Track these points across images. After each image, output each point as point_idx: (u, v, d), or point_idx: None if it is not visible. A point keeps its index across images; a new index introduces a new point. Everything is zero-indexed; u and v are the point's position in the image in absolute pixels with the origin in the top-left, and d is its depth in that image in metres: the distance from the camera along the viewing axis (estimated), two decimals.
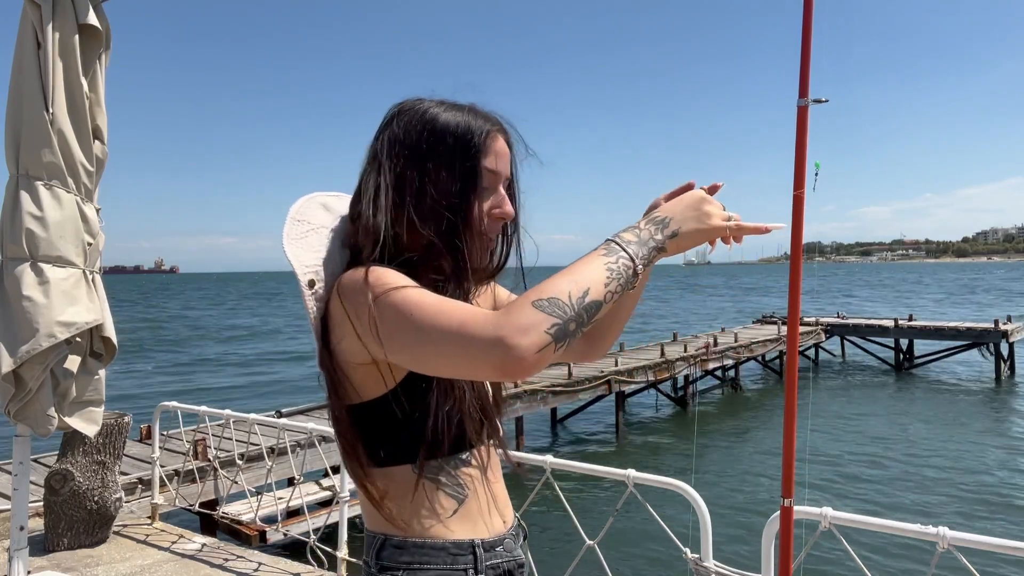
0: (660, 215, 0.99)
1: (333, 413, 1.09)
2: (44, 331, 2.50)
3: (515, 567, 1.13)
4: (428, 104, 1.09)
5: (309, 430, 4.40)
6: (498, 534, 1.12)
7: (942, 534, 2.14)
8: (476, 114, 1.08)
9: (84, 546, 4.28)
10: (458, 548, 1.06)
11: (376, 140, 1.10)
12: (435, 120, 1.06)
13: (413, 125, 1.06)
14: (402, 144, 1.06)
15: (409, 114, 1.08)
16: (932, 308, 45.53)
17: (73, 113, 2.64)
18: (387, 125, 1.09)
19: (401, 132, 1.07)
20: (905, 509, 9.68)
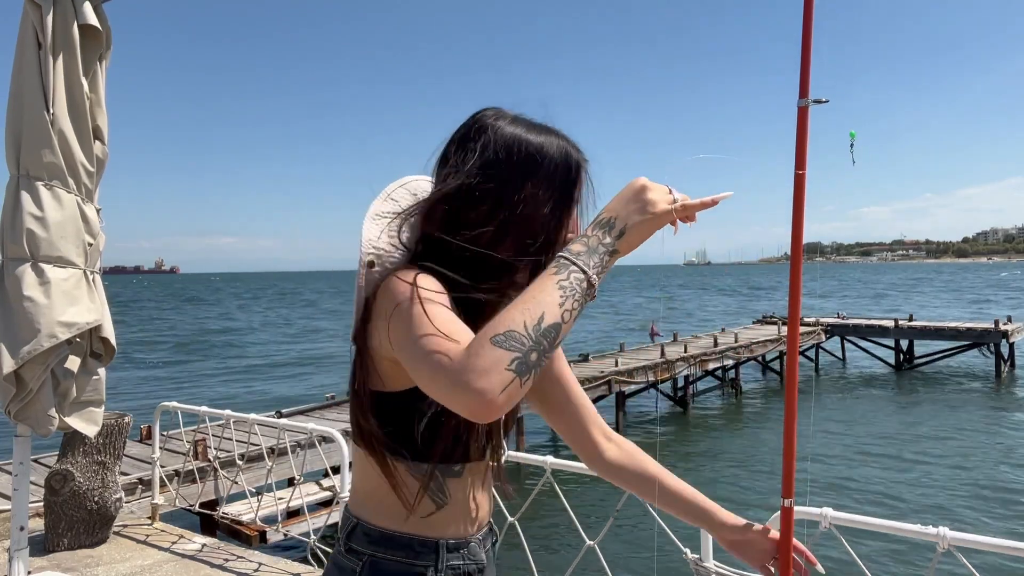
0: (604, 216, 0.97)
1: (354, 387, 1.10)
2: (45, 331, 2.50)
3: (475, 570, 1.14)
4: (523, 122, 1.10)
5: (309, 430, 4.40)
6: (466, 536, 1.14)
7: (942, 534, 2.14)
8: (569, 142, 1.11)
9: (84, 546, 4.28)
10: (423, 546, 1.08)
11: (464, 147, 1.09)
12: (537, 142, 1.08)
13: (513, 142, 1.07)
14: (501, 160, 1.06)
15: (506, 129, 1.08)
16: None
17: (74, 113, 2.65)
18: (478, 134, 1.08)
19: (500, 146, 1.07)
20: (906, 509, 9.68)
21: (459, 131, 1.12)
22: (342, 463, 4.12)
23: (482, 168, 1.06)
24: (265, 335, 40.25)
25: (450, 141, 1.12)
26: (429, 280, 0.99)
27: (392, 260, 1.09)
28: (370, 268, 1.08)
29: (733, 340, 18.82)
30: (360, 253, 1.08)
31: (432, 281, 0.99)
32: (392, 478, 1.07)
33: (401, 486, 1.07)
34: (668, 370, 15.85)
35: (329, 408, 11.08)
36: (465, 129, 1.11)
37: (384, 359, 1.04)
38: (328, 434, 4.28)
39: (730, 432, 14.58)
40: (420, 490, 1.08)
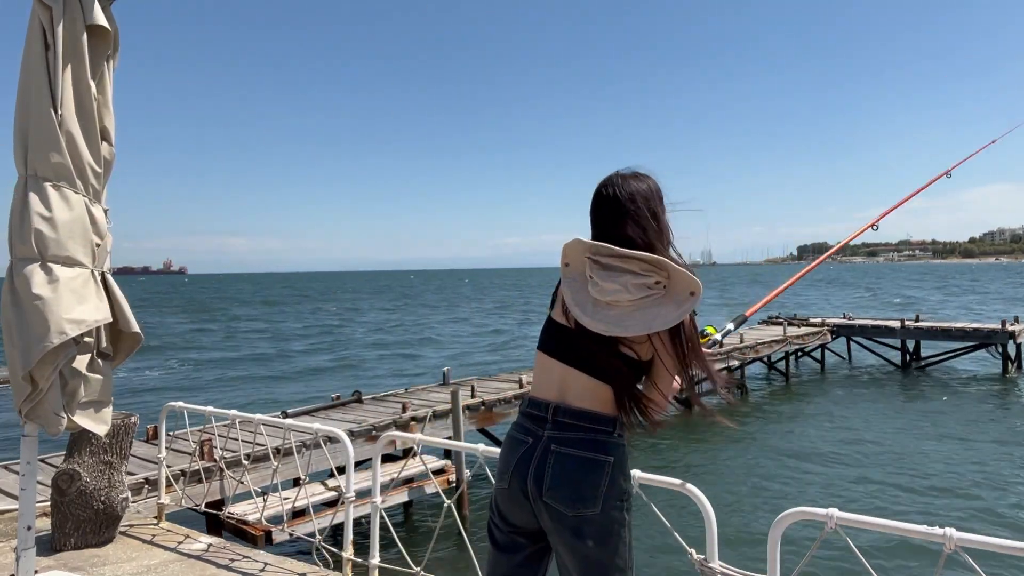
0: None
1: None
2: (54, 328, 2.52)
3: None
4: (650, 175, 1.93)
5: (315, 430, 4.41)
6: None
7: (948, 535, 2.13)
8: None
9: (91, 546, 4.29)
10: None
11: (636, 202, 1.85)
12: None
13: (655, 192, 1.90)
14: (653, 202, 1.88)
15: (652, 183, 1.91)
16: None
17: (81, 114, 2.66)
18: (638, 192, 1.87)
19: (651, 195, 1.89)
20: (912, 510, 9.64)
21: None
22: (347, 463, 4.13)
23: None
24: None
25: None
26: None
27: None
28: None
29: (739, 341, 18.77)
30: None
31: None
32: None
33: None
34: None
35: (334, 408, 11.10)
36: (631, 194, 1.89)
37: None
38: (334, 434, 4.29)
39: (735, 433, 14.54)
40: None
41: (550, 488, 1.76)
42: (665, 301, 1.73)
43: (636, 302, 1.71)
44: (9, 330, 2.58)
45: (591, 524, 1.75)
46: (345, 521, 4.05)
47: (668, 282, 1.73)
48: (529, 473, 1.79)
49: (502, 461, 1.90)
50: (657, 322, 1.71)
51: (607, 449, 1.79)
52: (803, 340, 21.27)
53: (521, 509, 1.84)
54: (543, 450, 1.79)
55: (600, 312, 1.74)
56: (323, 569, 4.09)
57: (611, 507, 1.77)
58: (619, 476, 1.79)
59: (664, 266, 1.72)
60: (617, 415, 1.82)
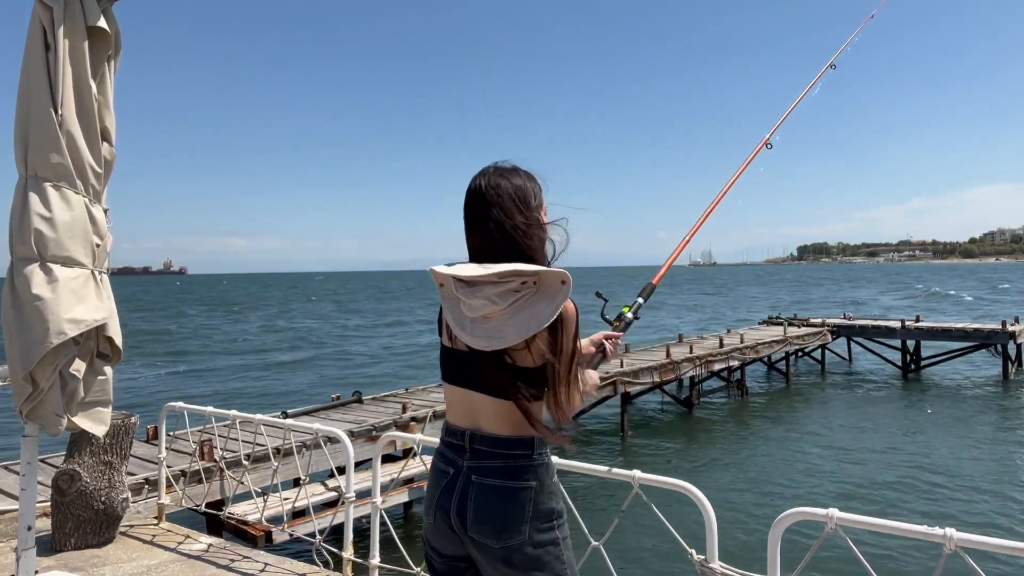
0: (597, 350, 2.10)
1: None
2: (54, 328, 2.52)
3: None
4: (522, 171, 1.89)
5: (315, 431, 4.41)
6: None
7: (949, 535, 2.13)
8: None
9: (91, 546, 4.29)
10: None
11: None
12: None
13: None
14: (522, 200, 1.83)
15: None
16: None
17: (82, 115, 2.66)
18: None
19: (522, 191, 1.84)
20: (912, 510, 9.64)
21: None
22: (348, 463, 4.13)
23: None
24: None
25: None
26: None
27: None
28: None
29: (739, 341, 18.77)
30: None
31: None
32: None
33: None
34: (673, 371, 15.82)
35: (334, 409, 11.09)
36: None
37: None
38: (334, 435, 4.29)
39: (735, 433, 14.54)
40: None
41: (474, 522, 1.73)
42: (538, 299, 1.68)
43: (508, 309, 1.67)
44: (9, 330, 2.58)
45: (520, 553, 1.72)
46: (345, 521, 4.06)
47: (537, 278, 1.69)
48: (452, 507, 1.76)
49: (427, 493, 1.86)
50: (533, 323, 1.66)
51: (527, 474, 1.75)
52: (803, 340, 21.26)
53: (450, 541, 1.81)
54: (464, 482, 1.76)
55: (478, 328, 1.70)
56: (323, 569, 4.10)
57: (539, 531, 1.74)
58: (543, 498, 1.76)
59: (519, 272, 1.67)
60: (533, 435, 1.77)
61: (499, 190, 1.79)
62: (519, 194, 1.80)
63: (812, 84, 3.56)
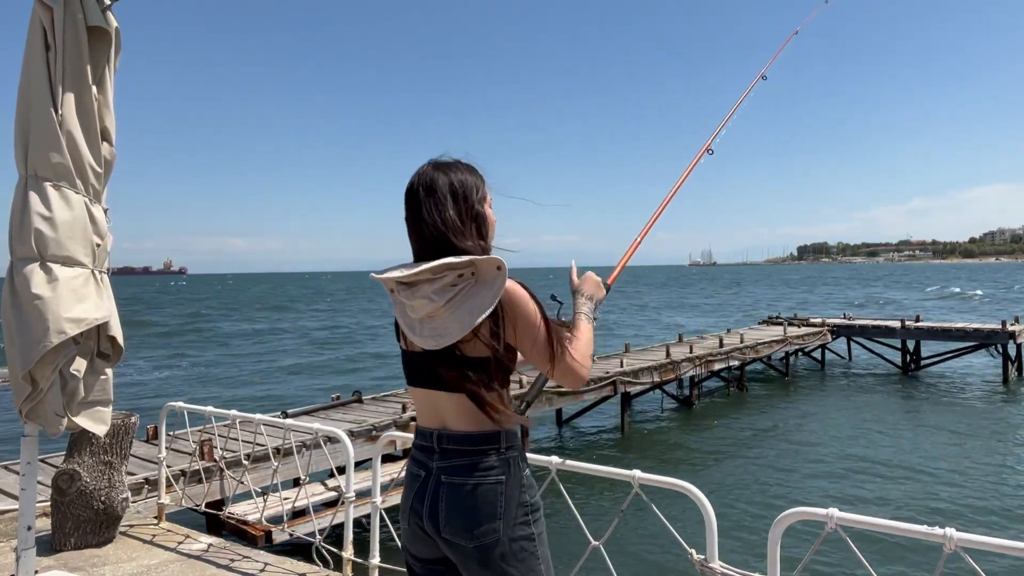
0: (588, 294, 2.01)
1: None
2: (54, 328, 2.52)
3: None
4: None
5: (315, 431, 4.41)
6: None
7: (949, 535, 2.13)
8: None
9: (91, 546, 4.30)
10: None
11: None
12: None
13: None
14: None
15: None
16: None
17: (82, 114, 2.66)
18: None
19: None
20: (912, 510, 9.64)
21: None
22: (347, 463, 4.13)
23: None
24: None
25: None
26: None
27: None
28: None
29: (739, 341, 18.77)
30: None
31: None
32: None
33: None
34: (673, 371, 15.83)
35: (334, 409, 11.09)
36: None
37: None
38: (334, 434, 4.29)
39: (735, 433, 14.54)
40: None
41: (446, 524, 1.71)
42: (477, 289, 1.68)
43: (450, 303, 1.67)
44: (9, 330, 2.58)
45: (496, 550, 1.69)
46: (345, 521, 4.06)
47: (473, 268, 1.69)
48: (424, 511, 1.74)
49: (402, 498, 1.83)
50: (475, 313, 1.66)
51: (495, 470, 1.73)
52: (803, 340, 21.26)
53: (425, 544, 1.79)
54: (435, 483, 1.74)
55: (425, 328, 1.71)
56: (323, 569, 4.10)
57: (514, 527, 1.72)
58: (516, 492, 1.74)
59: (450, 265, 1.67)
60: (499, 428, 1.75)
61: (433, 185, 1.77)
62: (457, 188, 1.78)
63: (745, 95, 3.75)
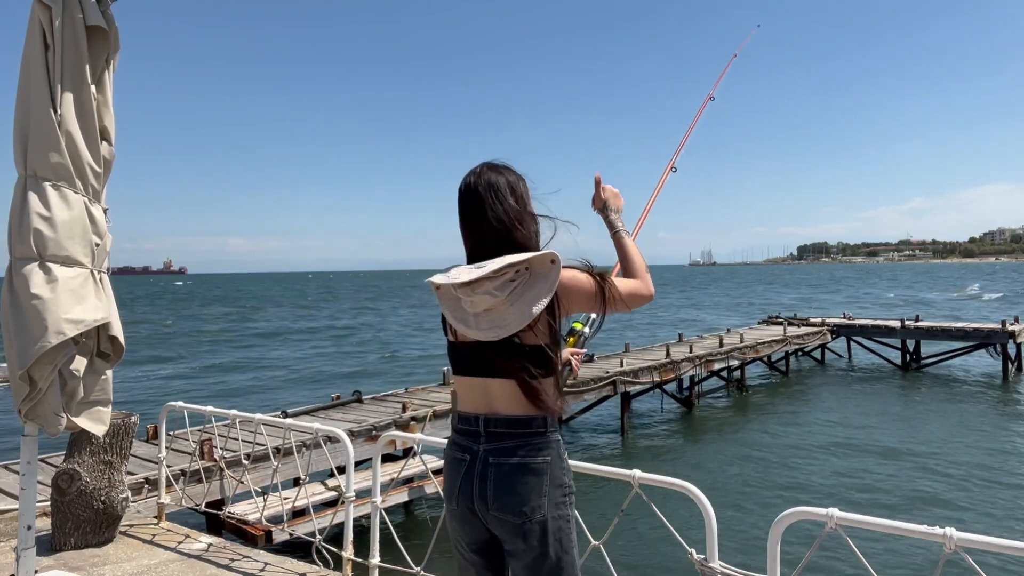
0: (614, 206, 2.16)
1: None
2: (52, 328, 2.51)
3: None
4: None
5: (315, 430, 4.41)
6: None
7: (949, 535, 2.13)
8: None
9: (91, 545, 4.30)
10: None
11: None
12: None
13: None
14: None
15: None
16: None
17: (81, 114, 2.65)
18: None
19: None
20: (912, 510, 9.64)
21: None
22: (347, 463, 4.12)
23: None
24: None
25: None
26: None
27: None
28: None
29: (739, 340, 18.78)
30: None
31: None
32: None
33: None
34: (673, 371, 15.83)
35: (334, 408, 11.09)
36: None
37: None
38: (334, 434, 4.29)
39: (735, 433, 14.54)
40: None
41: (495, 500, 1.81)
42: (533, 282, 1.80)
43: (508, 298, 1.78)
44: (8, 330, 2.58)
45: (541, 527, 1.80)
46: (345, 521, 4.05)
47: (528, 264, 1.81)
48: (474, 491, 1.84)
49: (447, 482, 1.94)
50: (535, 305, 1.78)
51: (541, 449, 1.84)
52: (803, 340, 21.27)
53: (473, 526, 1.89)
54: (482, 464, 1.84)
55: (482, 321, 1.81)
56: (323, 569, 4.10)
57: (557, 506, 1.83)
58: (559, 473, 1.86)
59: (511, 264, 1.77)
60: (544, 413, 1.87)
61: (492, 182, 1.91)
62: (514, 185, 1.94)
63: (696, 117, 3.79)
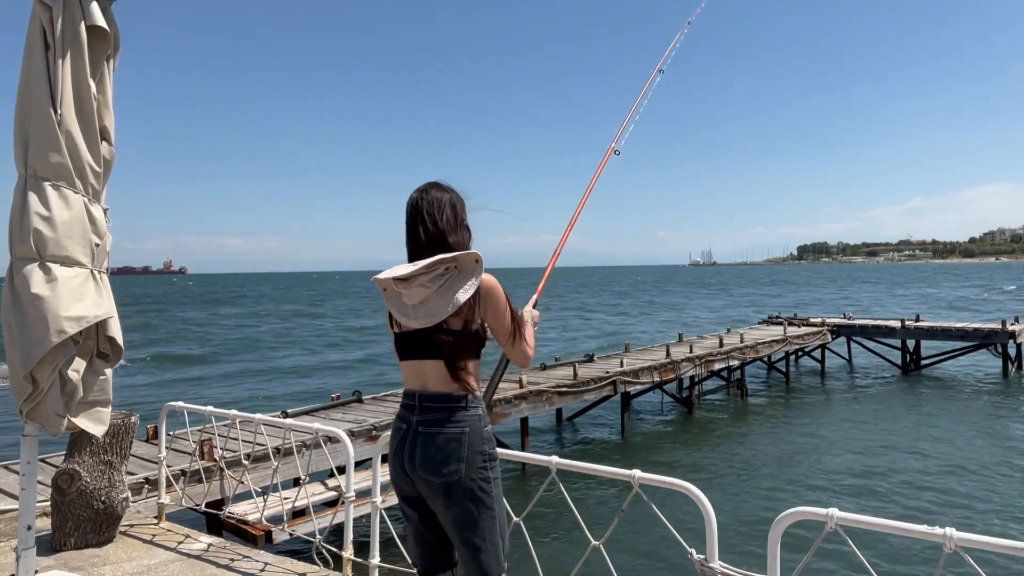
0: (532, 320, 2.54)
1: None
2: (53, 327, 2.52)
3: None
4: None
5: (315, 430, 4.41)
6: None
7: (949, 535, 2.13)
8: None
9: (91, 546, 4.30)
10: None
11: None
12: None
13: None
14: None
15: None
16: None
17: (81, 114, 2.66)
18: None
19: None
20: (912, 510, 9.64)
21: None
22: (348, 463, 4.13)
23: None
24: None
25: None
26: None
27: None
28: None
29: (739, 341, 18.77)
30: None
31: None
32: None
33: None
34: (673, 371, 15.83)
35: (335, 408, 11.09)
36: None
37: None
38: (334, 434, 4.29)
39: (735, 433, 14.54)
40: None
41: (420, 463, 2.18)
42: (459, 277, 2.17)
43: (439, 290, 2.15)
44: (9, 330, 2.58)
45: (459, 487, 2.16)
46: (345, 521, 4.06)
47: (456, 262, 2.18)
48: (405, 454, 2.23)
49: (390, 447, 2.33)
50: (459, 295, 2.15)
51: (461, 422, 2.21)
52: (803, 340, 21.26)
53: (406, 483, 2.28)
54: (413, 433, 2.22)
55: (419, 311, 2.17)
56: (323, 569, 4.10)
57: (474, 469, 2.18)
58: (477, 441, 2.21)
59: (441, 260, 2.15)
60: (467, 391, 2.24)
61: (431, 198, 2.31)
62: (452, 201, 2.34)
63: (644, 91, 3.82)
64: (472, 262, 2.18)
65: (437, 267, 2.15)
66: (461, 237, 2.32)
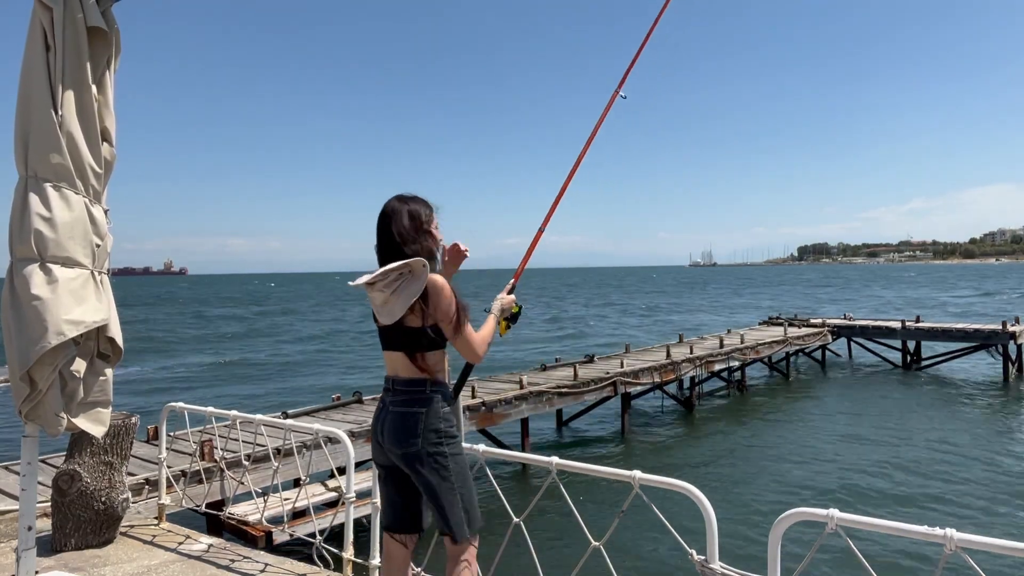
0: (506, 303, 2.90)
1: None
2: (52, 329, 2.52)
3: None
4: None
5: (315, 431, 4.40)
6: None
7: (949, 536, 2.13)
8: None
9: (91, 546, 4.30)
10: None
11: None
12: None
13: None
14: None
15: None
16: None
17: (82, 115, 2.66)
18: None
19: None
20: (913, 510, 9.63)
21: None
22: (348, 464, 4.13)
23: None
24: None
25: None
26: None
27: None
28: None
29: (739, 341, 18.77)
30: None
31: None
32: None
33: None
34: (673, 371, 15.82)
35: (335, 409, 11.09)
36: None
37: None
38: (334, 435, 4.29)
39: (736, 433, 14.54)
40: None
41: (387, 437, 2.57)
42: (411, 280, 2.47)
43: (395, 293, 2.46)
44: (8, 330, 2.58)
45: (417, 458, 2.51)
46: (346, 522, 4.05)
47: (407, 268, 2.46)
48: (378, 429, 2.62)
49: (372, 424, 2.71)
50: (410, 297, 2.46)
51: (421, 403, 2.54)
52: (804, 341, 21.26)
53: (380, 454, 2.67)
54: (385, 412, 2.60)
55: (383, 311, 2.51)
56: (323, 570, 4.09)
57: (430, 443, 2.51)
58: (433, 420, 2.53)
59: (394, 268, 2.44)
60: (428, 377, 2.57)
61: (395, 209, 2.59)
62: (412, 213, 2.59)
63: (654, 23, 3.99)
64: (420, 267, 2.46)
65: (391, 274, 2.44)
66: (421, 244, 2.57)
